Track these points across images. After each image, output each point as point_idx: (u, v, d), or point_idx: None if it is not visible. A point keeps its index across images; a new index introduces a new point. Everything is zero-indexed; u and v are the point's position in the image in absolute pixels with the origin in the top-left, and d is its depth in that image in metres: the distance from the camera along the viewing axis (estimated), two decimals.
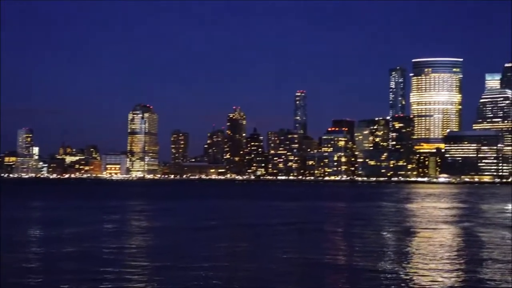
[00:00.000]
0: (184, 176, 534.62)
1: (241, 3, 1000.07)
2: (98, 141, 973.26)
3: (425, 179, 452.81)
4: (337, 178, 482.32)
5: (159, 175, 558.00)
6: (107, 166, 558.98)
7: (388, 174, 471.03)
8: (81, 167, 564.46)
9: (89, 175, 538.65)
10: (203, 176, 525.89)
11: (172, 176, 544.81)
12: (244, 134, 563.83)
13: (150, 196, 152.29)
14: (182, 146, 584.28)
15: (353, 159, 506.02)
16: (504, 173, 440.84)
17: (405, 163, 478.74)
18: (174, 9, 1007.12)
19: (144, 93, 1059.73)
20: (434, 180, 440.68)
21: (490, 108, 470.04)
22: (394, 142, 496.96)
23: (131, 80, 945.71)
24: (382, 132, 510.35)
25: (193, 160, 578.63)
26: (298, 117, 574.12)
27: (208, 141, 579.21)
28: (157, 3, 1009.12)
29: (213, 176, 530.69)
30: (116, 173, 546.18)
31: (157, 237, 52.84)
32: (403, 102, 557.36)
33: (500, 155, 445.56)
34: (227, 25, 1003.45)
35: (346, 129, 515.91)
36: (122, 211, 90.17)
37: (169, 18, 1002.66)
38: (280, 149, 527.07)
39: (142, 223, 68.96)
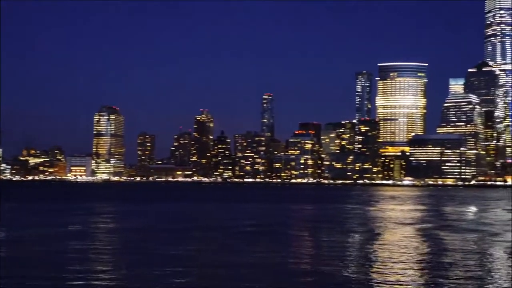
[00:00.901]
0: (151, 178, 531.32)
1: (219, 3, 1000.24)
2: (62, 142, 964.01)
3: (390, 181, 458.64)
4: (304, 181, 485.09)
5: (125, 177, 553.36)
6: (72, 168, 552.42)
7: (354, 177, 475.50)
8: (45, 169, 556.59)
9: (53, 177, 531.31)
10: (170, 179, 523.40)
11: (138, 178, 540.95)
12: (211, 137, 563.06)
13: (116, 198, 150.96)
14: (148, 148, 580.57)
15: (319, 161, 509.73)
16: (467, 176, 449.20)
17: (370, 166, 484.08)
18: (149, 9, 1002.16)
19: (110, 94, 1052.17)
20: (399, 182, 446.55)
21: (453, 112, 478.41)
22: (360, 145, 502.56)
23: (97, 81, 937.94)
24: (348, 135, 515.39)
25: (160, 162, 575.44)
26: (265, 120, 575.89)
27: (175, 143, 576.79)
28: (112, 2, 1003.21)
29: (180, 179, 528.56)
30: (81, 175, 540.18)
31: (123, 238, 52.51)
32: (369, 106, 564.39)
33: (463, 158, 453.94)
34: (195, 27, 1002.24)
35: (313, 132, 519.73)
36: (88, 213, 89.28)
37: (141, 19, 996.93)
38: (247, 151, 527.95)
39: (108, 225, 68.44)
